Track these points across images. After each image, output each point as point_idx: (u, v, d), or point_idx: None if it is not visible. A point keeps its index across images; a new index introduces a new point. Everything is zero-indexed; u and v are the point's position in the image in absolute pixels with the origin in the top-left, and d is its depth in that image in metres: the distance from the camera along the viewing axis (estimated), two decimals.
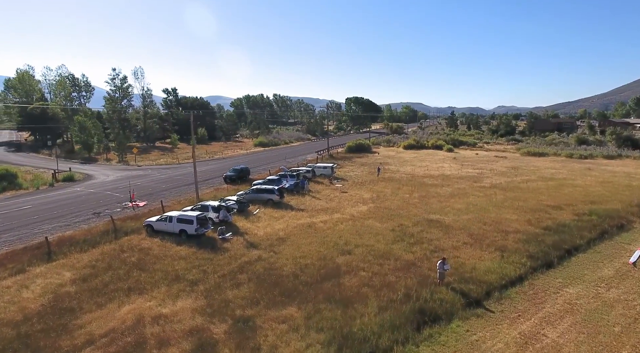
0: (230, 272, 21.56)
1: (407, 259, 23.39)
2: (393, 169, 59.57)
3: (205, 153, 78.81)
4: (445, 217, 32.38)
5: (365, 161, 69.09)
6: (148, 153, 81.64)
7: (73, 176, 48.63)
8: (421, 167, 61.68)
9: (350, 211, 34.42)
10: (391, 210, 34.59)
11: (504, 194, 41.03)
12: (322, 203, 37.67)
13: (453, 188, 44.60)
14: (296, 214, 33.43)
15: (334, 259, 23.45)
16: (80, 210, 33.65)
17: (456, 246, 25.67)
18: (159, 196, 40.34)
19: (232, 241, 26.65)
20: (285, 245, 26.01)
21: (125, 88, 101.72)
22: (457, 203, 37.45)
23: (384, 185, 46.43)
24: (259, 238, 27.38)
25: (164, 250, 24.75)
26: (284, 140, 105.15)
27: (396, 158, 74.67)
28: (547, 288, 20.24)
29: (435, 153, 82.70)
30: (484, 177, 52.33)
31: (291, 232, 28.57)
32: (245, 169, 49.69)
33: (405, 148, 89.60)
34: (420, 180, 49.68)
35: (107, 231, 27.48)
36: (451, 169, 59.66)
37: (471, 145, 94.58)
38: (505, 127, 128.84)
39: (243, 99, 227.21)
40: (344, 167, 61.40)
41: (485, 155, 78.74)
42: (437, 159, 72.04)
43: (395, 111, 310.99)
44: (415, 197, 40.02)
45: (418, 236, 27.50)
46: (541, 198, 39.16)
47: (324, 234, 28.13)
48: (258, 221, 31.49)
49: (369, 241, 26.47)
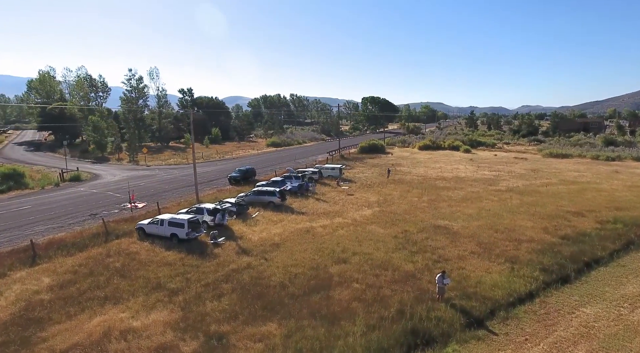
0: (215, 281, 20.27)
1: (406, 270, 21.59)
2: (405, 170, 57.42)
3: (215, 153, 78.37)
4: (454, 223, 30.32)
5: (377, 162, 67.10)
6: (160, 152, 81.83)
7: (80, 175, 48.62)
8: (434, 169, 59.28)
9: (353, 216, 32.75)
10: (397, 215, 32.73)
11: (520, 199, 38.51)
12: (325, 206, 36.12)
13: (466, 192, 42.28)
14: (296, 218, 32.00)
15: (327, 268, 21.87)
16: (78, 211, 33.16)
17: (462, 256, 23.69)
18: (161, 197, 39.65)
19: (223, 247, 25.41)
20: (278, 251, 24.59)
21: (141, 88, 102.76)
22: (469, 207, 35.24)
23: (392, 188, 44.50)
24: (253, 243, 26.05)
25: (151, 255, 23.72)
26: (297, 140, 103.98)
27: (410, 159, 72.33)
28: (561, 307, 18.11)
29: (452, 154, 79.86)
30: (500, 180, 49.65)
31: (287, 237, 27.14)
32: (250, 170, 48.61)
33: (421, 149, 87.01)
34: (432, 183, 47.46)
35: (98, 234, 26.71)
36: (466, 171, 57.06)
37: (490, 146, 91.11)
38: (527, 128, 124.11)
39: (260, 99, 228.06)
40: (355, 168, 59.65)
41: (504, 156, 75.47)
42: (453, 160, 69.35)
43: (414, 111, 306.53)
44: (424, 201, 37.98)
45: (422, 244, 25.62)
46: (561, 203, 36.51)
47: (321, 240, 26.59)
48: (255, 225, 30.20)
49: (367, 249, 24.76)
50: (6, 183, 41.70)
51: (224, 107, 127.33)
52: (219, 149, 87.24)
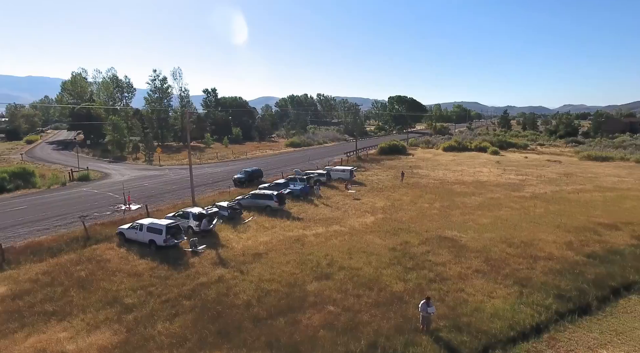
0: (178, 296, 18.35)
1: (394, 290, 18.84)
2: (423, 173, 53.90)
3: (232, 153, 77.51)
4: (463, 234, 27.07)
5: (396, 164, 63.73)
6: (179, 152, 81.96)
7: (88, 175, 48.63)
8: (455, 171, 55.33)
9: (352, 223, 30.12)
10: (401, 223, 29.81)
11: (545, 207, 34.49)
12: (325, 212, 33.67)
13: (484, 198, 38.54)
14: (290, 225, 29.76)
15: (305, 285, 19.48)
16: (70, 212, 32.45)
17: (464, 274, 20.61)
18: (160, 198, 38.58)
19: (202, 256, 23.55)
20: (259, 262, 22.43)
21: (165, 89, 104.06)
22: (484, 216, 31.73)
23: (404, 192, 41.36)
24: (234, 252, 24.03)
25: (122, 264, 22.19)
26: (317, 141, 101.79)
27: (431, 160, 68.40)
28: (575, 347, 14.82)
29: (478, 155, 75.07)
30: (526, 185, 45.32)
31: (274, 246, 24.94)
32: (256, 172, 46.87)
33: (445, 150, 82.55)
34: (449, 187, 43.88)
35: (77, 238, 25.58)
36: (490, 174, 52.81)
37: (521, 147, 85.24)
38: (565, 128, 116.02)
39: (287, 99, 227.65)
40: (369, 170, 56.72)
41: (536, 159, 69.99)
42: (477, 162, 64.86)
43: (446, 111, 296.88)
44: (436, 208, 34.72)
45: (420, 259, 22.70)
46: (593, 213, 32.30)
47: (309, 250, 24.21)
48: (245, 231, 28.21)
49: (357, 263, 22.15)
50: (14, 182, 42.07)
51: (246, 107, 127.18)
52: (237, 149, 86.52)
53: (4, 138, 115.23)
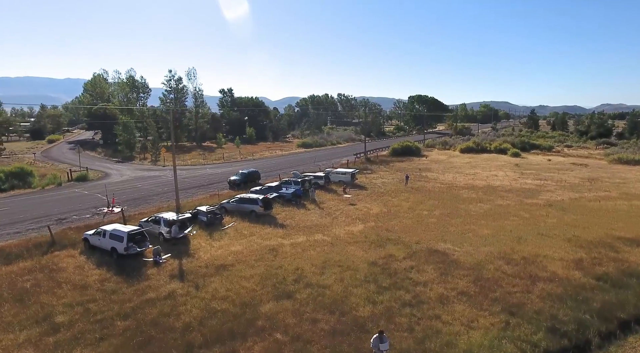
0: (116, 315, 16.58)
1: (358, 315, 16.39)
2: (431, 176, 50.64)
3: (239, 154, 76.28)
4: (458, 247, 24.18)
5: (405, 166, 60.57)
6: (189, 152, 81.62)
7: (86, 175, 48.24)
8: (468, 175, 51.75)
9: (338, 232, 27.71)
10: (391, 233, 27.16)
11: (559, 217, 30.96)
12: (314, 218, 31.40)
13: (492, 205, 35.21)
14: (270, 232, 27.67)
15: (260, 306, 17.32)
16: (50, 214, 31.59)
17: (446, 297, 17.88)
18: (148, 201, 37.37)
19: (163, 266, 21.81)
20: (220, 276, 20.46)
21: (180, 89, 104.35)
22: (486, 226, 28.62)
23: (405, 197, 38.51)
24: (198, 263, 22.16)
25: (75, 273, 20.72)
26: (331, 141, 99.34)
27: (445, 162, 64.78)
28: None
29: (497, 157, 70.71)
30: (543, 191, 41.47)
31: (244, 257, 22.91)
32: (253, 173, 45.10)
33: (462, 152, 78.43)
34: (456, 192, 40.63)
35: (41, 244, 24.40)
36: (505, 178, 48.99)
37: (545, 149, 79.92)
38: (597, 128, 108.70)
39: (308, 99, 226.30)
40: (376, 172, 53.92)
41: (560, 162, 65.13)
42: (494, 165, 60.81)
43: (471, 111, 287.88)
44: (435, 215, 31.80)
45: (400, 276, 20.11)
46: (614, 225, 28.61)
47: (280, 263, 22.04)
48: (220, 239, 26.33)
49: (328, 279, 19.80)
50: (10, 181, 41.99)
51: (262, 107, 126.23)
52: (248, 150, 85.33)
53: (29, 137, 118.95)
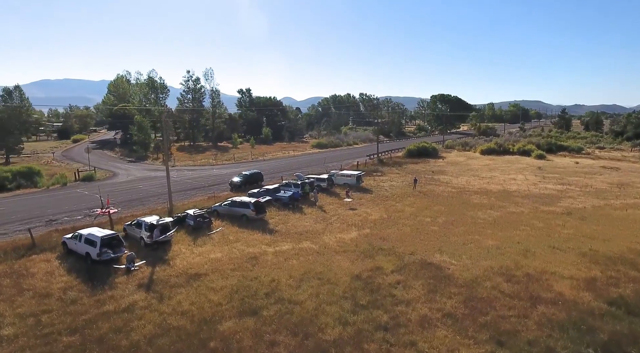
0: (64, 330, 15.50)
1: (323, 339, 14.64)
2: (444, 180, 47.93)
3: (251, 154, 75.53)
4: (455, 260, 21.96)
5: (419, 168, 57.92)
6: (203, 152, 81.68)
7: (92, 175, 48.47)
8: (483, 178, 48.70)
9: (328, 239, 25.95)
10: (385, 242, 25.17)
11: (576, 227, 28.03)
12: (307, 224, 29.73)
13: (503, 212, 32.49)
14: (257, 239, 26.22)
15: (220, 323, 15.86)
16: (42, 215, 31.38)
17: (429, 320, 15.84)
18: (144, 202, 36.73)
19: (134, 274, 20.73)
20: (190, 286, 19.17)
21: (198, 89, 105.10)
22: (492, 236, 26.13)
23: (410, 202, 36.24)
24: (172, 271, 20.95)
25: (43, 280, 19.93)
26: (347, 142, 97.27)
27: (462, 165, 61.60)
28: None
29: (519, 159, 66.76)
30: (564, 197, 38.19)
31: (221, 266, 21.55)
32: (255, 175, 43.87)
33: (482, 153, 74.71)
34: (466, 197, 37.97)
35: (21, 247, 23.90)
36: (523, 183, 45.70)
37: (574, 151, 74.97)
38: (635, 129, 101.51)
39: (330, 99, 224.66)
40: (386, 175, 51.65)
41: (589, 165, 60.68)
42: (515, 168, 57.21)
43: (499, 110, 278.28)
44: (438, 223, 29.49)
45: (382, 293, 18.19)
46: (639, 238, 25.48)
47: (257, 273, 20.55)
48: (203, 245, 25.10)
49: (302, 294, 18.13)
50: (17, 181, 42.55)
51: (280, 106, 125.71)
52: (262, 150, 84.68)
53: (56, 137, 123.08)
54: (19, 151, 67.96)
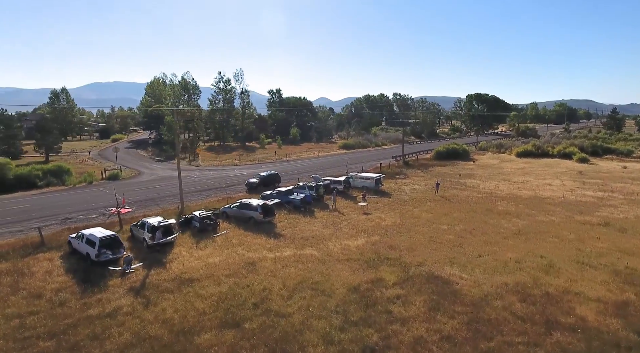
0: (44, 334, 15.26)
1: None
2: (470, 184, 45.17)
3: (276, 155, 75.29)
4: (466, 274, 20.07)
5: (447, 171, 55.18)
6: (230, 152, 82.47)
7: (118, 174, 49.77)
8: (514, 183, 45.47)
9: (333, 246, 24.67)
10: (393, 251, 23.58)
11: (613, 241, 25.10)
12: (315, 228, 28.58)
13: (530, 221, 29.84)
14: (260, 243, 25.39)
15: (198, 335, 15.06)
16: (60, 213, 32.19)
17: (423, 343, 14.28)
18: (158, 202, 36.95)
19: (128, 277, 20.44)
20: (179, 292, 18.59)
21: (229, 90, 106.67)
22: (512, 248, 23.86)
23: (430, 207, 34.20)
24: (166, 275, 20.47)
25: (40, 279, 20.03)
26: (375, 143, 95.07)
27: (494, 168, 58.12)
28: None
29: (559, 163, 62.17)
30: (603, 205, 34.71)
31: (217, 271, 20.86)
32: (272, 176, 43.26)
33: (518, 156, 70.32)
34: (492, 204, 35.36)
35: (30, 245, 24.38)
36: (559, 189, 42.16)
37: (622, 154, 68.95)
38: None
39: (363, 99, 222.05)
40: (409, 178, 49.49)
41: (638, 169, 55.39)
42: (552, 172, 53.18)
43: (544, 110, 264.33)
44: (455, 231, 27.42)
45: (378, 308, 16.75)
46: None
47: (251, 280, 19.69)
48: (205, 248, 24.59)
49: (291, 306, 17.03)
50: (47, 178, 44.33)
51: (310, 107, 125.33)
52: (289, 151, 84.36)
53: (97, 137, 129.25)
54: (58, 150, 71.47)
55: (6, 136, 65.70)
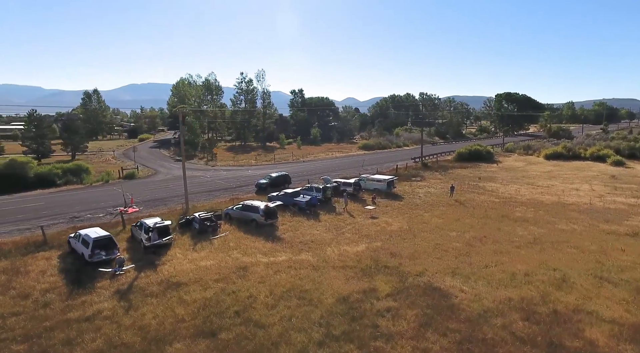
0: (19, 337, 15.12)
1: None
2: (489, 188, 42.91)
3: (292, 155, 74.77)
4: (468, 286, 18.63)
5: (467, 173, 52.86)
6: (249, 152, 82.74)
7: (134, 173, 50.61)
8: (538, 187, 42.84)
9: (330, 252, 23.66)
10: (393, 258, 22.34)
11: (639, 253, 22.76)
12: (317, 232, 27.65)
13: (549, 229, 27.74)
14: (256, 246, 24.72)
15: (173, 343, 14.48)
16: (70, 212, 32.74)
17: None
18: (169, 201, 37.07)
19: (117, 279, 20.21)
20: (163, 297, 18.13)
21: (250, 90, 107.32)
22: (524, 259, 22.10)
23: (441, 212, 32.55)
24: (155, 278, 20.07)
25: (32, 279, 20.07)
26: (397, 143, 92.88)
27: (518, 171, 55.22)
28: None
29: (590, 166, 58.40)
30: (634, 213, 32.06)
31: (206, 275, 20.32)
32: (282, 177, 42.59)
33: (547, 158, 66.69)
34: (509, 209, 33.27)
35: (33, 243, 24.73)
36: (587, 194, 39.31)
37: None
38: None
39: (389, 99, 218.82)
40: (426, 180, 47.65)
41: None
42: (581, 176, 49.88)
43: (582, 110, 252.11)
44: (464, 238, 25.80)
45: (365, 322, 15.66)
46: None
47: (239, 286, 19.01)
48: (201, 250, 24.16)
49: (274, 316, 16.21)
50: (67, 177, 45.59)
51: (332, 107, 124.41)
52: (308, 151, 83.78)
53: (126, 136, 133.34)
54: (83, 149, 73.87)
55: (36, 135, 68.42)
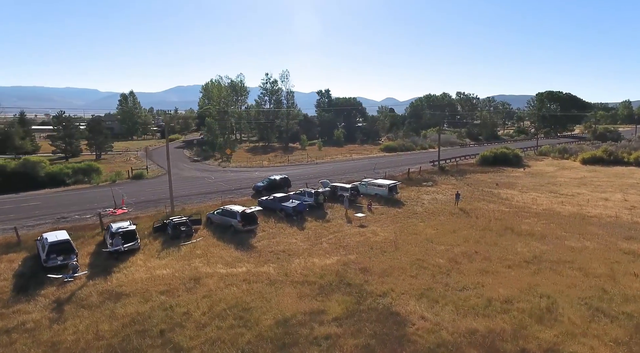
0: None
1: None
2: (505, 195, 39.07)
3: (307, 157, 73.06)
4: (432, 314, 16.17)
5: (485, 179, 48.81)
6: (268, 153, 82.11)
7: (143, 174, 51.06)
8: (561, 196, 38.50)
9: (296, 264, 21.82)
10: (361, 275, 20.19)
11: None
12: (293, 241, 25.84)
13: (555, 246, 24.29)
14: (222, 255, 23.34)
15: None
16: (61, 212, 32.93)
17: None
18: (162, 203, 36.44)
19: (67, 286, 19.49)
20: (96, 309, 17.13)
21: (275, 91, 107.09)
22: (512, 281, 19.24)
23: (439, 222, 29.71)
24: (100, 288, 19.15)
25: None
26: (421, 145, 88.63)
27: (546, 176, 50.40)
28: None
29: (633, 172, 52.32)
30: None
31: (153, 286, 19.15)
32: (281, 180, 40.99)
33: (584, 162, 60.68)
34: (517, 221, 29.78)
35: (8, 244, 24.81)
36: (616, 205, 34.74)
37: None
38: None
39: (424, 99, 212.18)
40: (438, 186, 44.31)
41: None
42: (619, 184, 44.55)
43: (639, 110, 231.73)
44: (452, 253, 23.05)
45: (294, 352, 13.71)
46: None
47: (179, 301, 17.70)
48: (164, 257, 23.12)
49: (197, 340, 14.73)
50: (76, 176, 46.69)
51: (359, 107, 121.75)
52: (328, 152, 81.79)
53: (158, 137, 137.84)
54: (107, 149, 76.38)
55: (65, 135, 71.51)
